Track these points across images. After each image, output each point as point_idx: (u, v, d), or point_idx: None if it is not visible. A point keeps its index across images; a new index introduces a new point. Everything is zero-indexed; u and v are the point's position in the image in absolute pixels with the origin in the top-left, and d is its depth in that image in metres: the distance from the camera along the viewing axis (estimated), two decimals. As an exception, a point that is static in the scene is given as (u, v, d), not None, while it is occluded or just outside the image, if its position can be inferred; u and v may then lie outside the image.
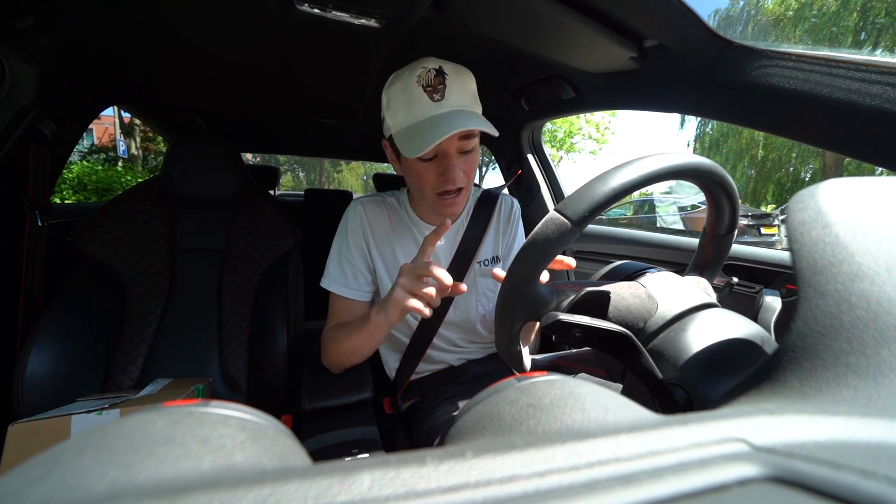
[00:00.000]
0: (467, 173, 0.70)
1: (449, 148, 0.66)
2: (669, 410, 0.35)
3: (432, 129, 0.62)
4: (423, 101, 0.64)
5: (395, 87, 0.67)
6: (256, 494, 0.11)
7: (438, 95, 0.64)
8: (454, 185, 0.68)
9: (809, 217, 0.22)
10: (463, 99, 0.66)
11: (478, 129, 0.64)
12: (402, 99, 0.66)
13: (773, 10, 11.24)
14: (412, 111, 0.65)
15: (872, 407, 0.17)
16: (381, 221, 0.81)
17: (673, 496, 0.12)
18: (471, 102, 0.67)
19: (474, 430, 0.21)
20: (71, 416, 0.56)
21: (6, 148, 0.80)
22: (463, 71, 0.68)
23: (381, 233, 0.81)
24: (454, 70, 0.66)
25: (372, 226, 0.80)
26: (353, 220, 0.80)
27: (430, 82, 0.64)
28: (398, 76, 0.67)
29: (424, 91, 0.63)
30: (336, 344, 0.75)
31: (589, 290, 0.41)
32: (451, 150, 0.67)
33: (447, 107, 0.64)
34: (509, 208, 0.90)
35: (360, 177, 29.29)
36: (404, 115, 0.66)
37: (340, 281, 0.79)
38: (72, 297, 0.82)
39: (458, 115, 0.64)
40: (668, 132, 79.45)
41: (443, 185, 0.68)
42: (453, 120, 0.62)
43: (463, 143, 0.67)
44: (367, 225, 0.80)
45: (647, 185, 0.37)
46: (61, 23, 0.73)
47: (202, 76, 1.08)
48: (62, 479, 0.13)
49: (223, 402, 0.19)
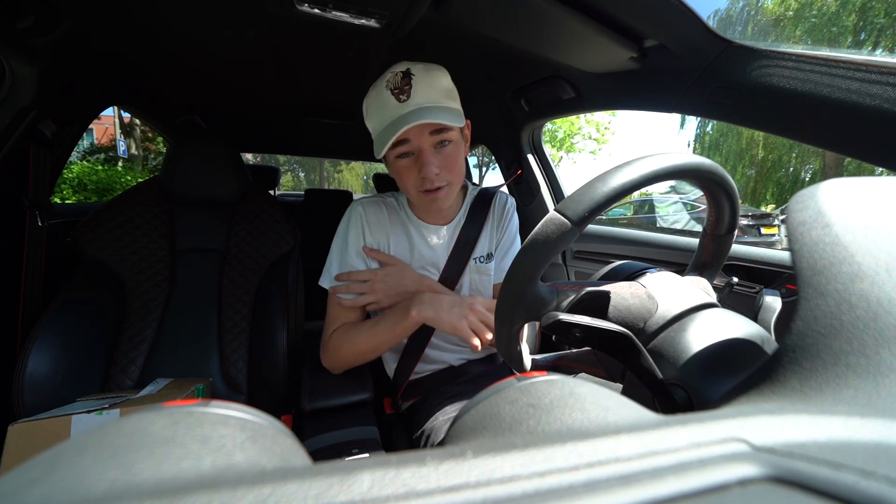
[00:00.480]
0: (447, 168, 0.70)
1: (422, 144, 0.68)
2: (669, 410, 0.35)
3: (395, 127, 0.64)
4: (391, 103, 0.66)
5: (371, 95, 0.71)
6: (256, 494, 0.11)
7: (404, 96, 0.66)
8: (430, 181, 0.69)
9: (809, 217, 0.22)
10: (429, 95, 0.66)
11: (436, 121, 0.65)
12: (375, 105, 0.69)
13: (773, 10, 11.25)
14: (383, 115, 0.68)
15: (872, 407, 0.17)
16: (380, 221, 0.83)
17: (673, 496, 0.12)
18: (439, 97, 0.68)
19: (474, 430, 0.21)
20: (71, 416, 0.56)
21: (6, 148, 0.80)
22: (433, 68, 0.69)
23: (379, 233, 0.82)
24: (422, 69, 0.67)
25: (370, 226, 0.81)
26: (353, 220, 0.81)
27: (397, 85, 0.66)
28: (374, 85, 0.71)
29: (392, 94, 0.66)
30: (351, 344, 0.77)
31: (589, 290, 0.41)
32: (424, 146, 0.68)
33: (412, 105, 0.66)
34: (503, 204, 0.91)
35: (360, 177, 29.29)
36: (377, 120, 0.69)
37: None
38: (72, 297, 0.82)
39: (419, 112, 0.65)
40: (668, 132, 79.52)
41: (422, 184, 0.70)
42: (414, 116, 0.64)
43: (435, 137, 0.68)
44: (366, 225, 0.81)
45: (647, 185, 0.37)
46: (61, 23, 0.73)
47: (202, 76, 1.08)
48: (62, 480, 0.13)
49: (223, 402, 0.19)
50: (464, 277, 0.85)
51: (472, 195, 0.89)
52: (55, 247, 0.95)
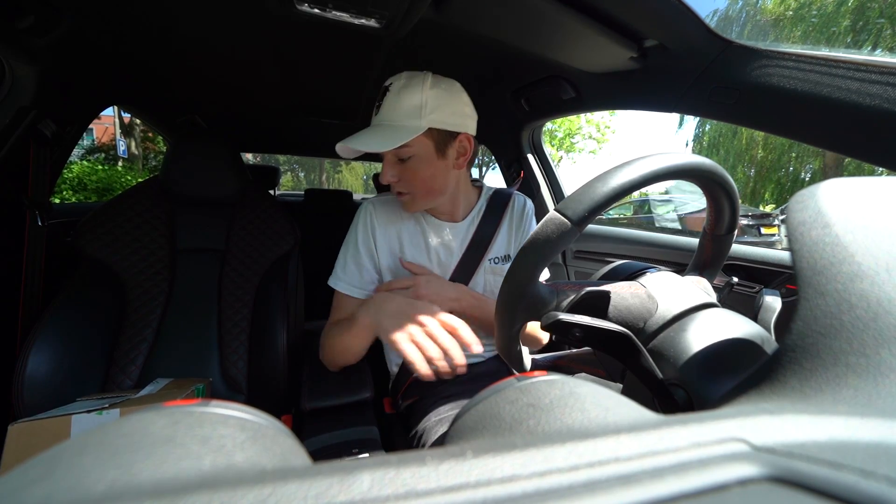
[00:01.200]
0: (406, 179, 0.74)
1: (385, 154, 0.73)
2: (669, 410, 0.35)
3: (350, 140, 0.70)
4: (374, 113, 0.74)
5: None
6: (256, 494, 0.11)
7: (377, 110, 0.72)
8: (383, 182, 0.75)
9: (809, 217, 0.22)
10: (392, 114, 0.70)
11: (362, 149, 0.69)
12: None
13: (773, 10, 11.24)
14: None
15: (872, 407, 0.17)
16: (391, 218, 0.84)
17: (673, 496, 0.12)
18: (401, 116, 0.70)
19: (474, 430, 0.21)
20: (71, 416, 0.56)
21: (6, 148, 0.80)
22: (411, 84, 0.70)
23: (389, 229, 0.83)
24: (399, 85, 0.70)
25: (380, 224, 0.83)
26: (363, 219, 0.83)
27: (379, 97, 0.72)
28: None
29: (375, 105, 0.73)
30: (331, 341, 0.77)
31: (589, 290, 0.41)
32: (387, 156, 0.74)
33: (377, 121, 0.72)
34: (522, 206, 0.91)
35: (359, 177, 29.29)
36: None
37: (345, 279, 0.81)
38: (72, 297, 0.82)
39: (373, 130, 0.71)
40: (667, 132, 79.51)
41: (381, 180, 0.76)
42: (365, 135, 0.70)
43: (397, 152, 0.71)
44: (376, 224, 0.82)
45: (647, 185, 0.37)
46: (61, 23, 0.73)
47: (202, 76, 1.08)
48: (62, 479, 0.13)
49: (223, 402, 0.19)
50: (477, 277, 0.85)
51: (486, 195, 0.90)
52: (55, 247, 0.95)
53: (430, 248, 0.84)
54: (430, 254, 0.84)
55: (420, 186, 0.75)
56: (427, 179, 0.74)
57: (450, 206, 0.84)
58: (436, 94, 0.70)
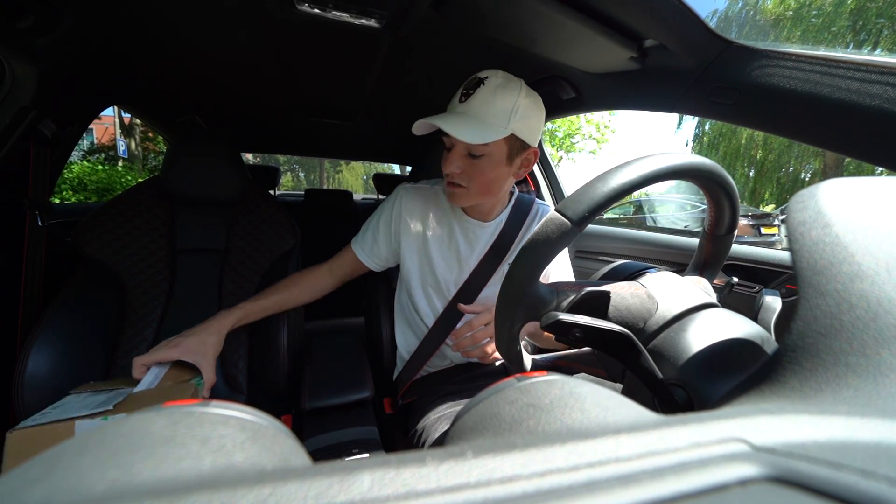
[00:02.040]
0: (469, 175, 0.74)
1: (457, 145, 0.72)
2: (669, 410, 0.35)
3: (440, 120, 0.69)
4: (455, 99, 0.73)
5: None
6: (256, 494, 0.11)
7: (465, 98, 0.70)
8: (447, 171, 0.74)
9: (809, 217, 0.22)
10: (483, 109, 0.69)
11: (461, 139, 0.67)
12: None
13: (773, 10, 11.24)
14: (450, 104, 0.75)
15: (872, 407, 0.17)
16: (421, 208, 0.86)
17: (673, 496, 0.12)
18: (489, 114, 0.69)
19: (474, 430, 0.21)
20: (74, 422, 0.55)
21: (6, 148, 0.80)
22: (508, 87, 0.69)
23: (416, 217, 0.86)
24: (496, 83, 0.69)
25: (408, 211, 0.85)
26: (394, 202, 0.87)
27: (468, 85, 0.71)
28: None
29: (461, 91, 0.72)
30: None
31: (589, 290, 0.41)
32: (458, 146, 0.72)
33: (463, 109, 0.70)
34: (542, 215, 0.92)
35: (360, 177, 29.28)
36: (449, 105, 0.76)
37: (360, 241, 0.89)
38: (72, 297, 0.82)
39: (461, 118, 0.69)
40: (667, 132, 79.49)
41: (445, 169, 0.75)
42: (452, 120, 0.69)
43: (471, 147, 0.70)
44: (403, 210, 0.85)
45: (647, 185, 0.37)
46: (61, 23, 0.73)
47: (202, 76, 1.08)
48: (62, 480, 0.13)
49: (223, 402, 0.19)
50: (494, 278, 0.86)
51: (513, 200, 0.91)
52: (55, 247, 0.95)
53: (454, 241, 0.85)
54: (452, 245, 0.85)
55: (480, 185, 0.75)
56: (489, 181, 0.75)
57: (487, 207, 0.85)
58: (527, 103, 0.71)
